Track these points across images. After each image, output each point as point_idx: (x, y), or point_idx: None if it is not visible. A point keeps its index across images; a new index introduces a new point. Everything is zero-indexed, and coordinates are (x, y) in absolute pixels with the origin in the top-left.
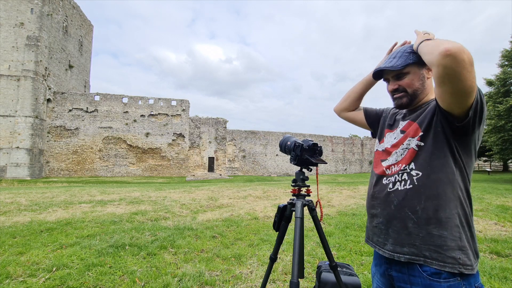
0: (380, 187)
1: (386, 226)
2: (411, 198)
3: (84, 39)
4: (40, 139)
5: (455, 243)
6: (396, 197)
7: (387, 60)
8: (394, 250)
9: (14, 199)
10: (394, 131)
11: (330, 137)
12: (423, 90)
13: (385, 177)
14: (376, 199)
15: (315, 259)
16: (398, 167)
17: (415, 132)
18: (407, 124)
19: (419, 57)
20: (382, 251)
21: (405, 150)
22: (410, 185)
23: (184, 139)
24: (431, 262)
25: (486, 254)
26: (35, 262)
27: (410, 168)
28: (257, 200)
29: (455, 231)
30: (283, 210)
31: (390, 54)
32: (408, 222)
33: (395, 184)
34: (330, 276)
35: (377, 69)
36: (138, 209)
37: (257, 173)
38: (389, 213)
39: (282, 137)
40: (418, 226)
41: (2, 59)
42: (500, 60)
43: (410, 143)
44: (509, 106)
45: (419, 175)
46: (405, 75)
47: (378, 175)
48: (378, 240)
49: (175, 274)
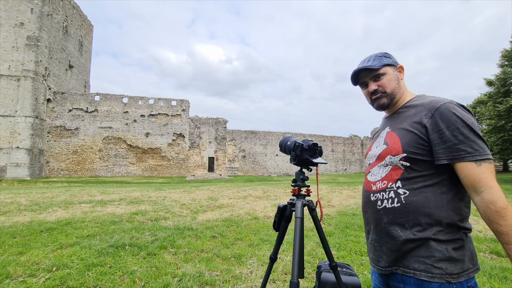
0: (369, 203)
1: (380, 243)
2: (401, 215)
3: (84, 39)
4: (40, 139)
5: (442, 255)
6: (386, 215)
7: (362, 62)
8: (389, 265)
9: (14, 199)
10: (377, 139)
11: (330, 137)
12: (399, 90)
13: (372, 193)
14: (367, 214)
15: (315, 259)
16: (384, 184)
17: (397, 150)
18: (388, 135)
19: (391, 61)
20: (376, 268)
21: (388, 166)
22: (398, 203)
23: (184, 139)
24: (420, 274)
25: (486, 254)
26: (35, 262)
27: (396, 186)
28: (257, 200)
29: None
30: (283, 210)
31: (362, 60)
32: (398, 238)
33: (383, 202)
34: (330, 276)
35: (356, 70)
36: (138, 209)
37: (257, 173)
38: (381, 229)
39: (282, 137)
40: (407, 242)
41: (2, 59)
42: (500, 60)
43: (392, 160)
44: (509, 106)
45: (406, 193)
46: (382, 76)
47: (365, 190)
48: (373, 257)
49: (175, 274)
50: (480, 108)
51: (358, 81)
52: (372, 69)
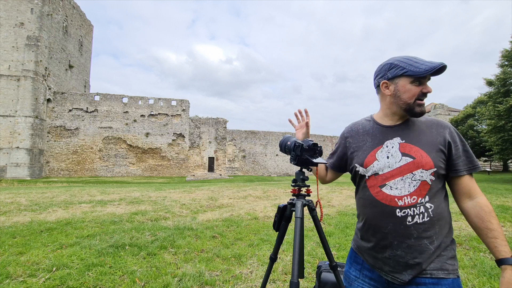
0: (391, 218)
1: (405, 259)
2: (429, 229)
3: (84, 39)
4: (40, 139)
5: (451, 254)
6: (416, 230)
7: (425, 61)
8: (413, 278)
9: (14, 199)
10: (382, 148)
11: (330, 137)
12: None
13: (399, 209)
14: (386, 230)
15: (315, 259)
16: (414, 200)
17: (430, 165)
18: (404, 146)
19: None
20: (397, 281)
21: (417, 181)
22: (428, 217)
23: (184, 139)
24: (437, 272)
25: (486, 254)
26: (35, 262)
27: (425, 201)
28: (257, 200)
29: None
30: (283, 210)
31: (413, 59)
32: (427, 251)
33: (414, 218)
34: (330, 276)
35: (443, 63)
36: (138, 209)
37: (257, 173)
38: (409, 245)
39: (282, 137)
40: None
41: (2, 59)
42: (500, 60)
43: (423, 175)
44: (509, 106)
45: (432, 207)
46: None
47: (385, 205)
48: (393, 271)
49: (175, 274)
50: (480, 108)
51: (423, 75)
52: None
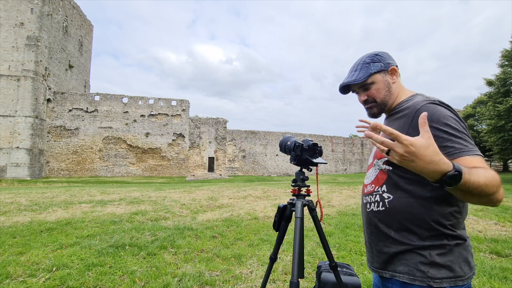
0: (362, 205)
1: (371, 245)
2: (386, 219)
3: (84, 39)
4: (40, 139)
5: (425, 259)
6: (373, 218)
7: (349, 74)
8: (379, 267)
9: (14, 199)
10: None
11: (330, 137)
12: (390, 96)
13: (364, 196)
14: (362, 216)
15: (315, 259)
16: (372, 188)
17: (378, 153)
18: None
19: (380, 65)
20: (372, 268)
21: (376, 170)
22: (383, 207)
23: (184, 139)
24: (402, 276)
25: (486, 254)
26: (35, 262)
27: (382, 190)
28: (257, 200)
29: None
30: (283, 210)
31: (350, 68)
32: (384, 242)
33: (371, 205)
34: (330, 276)
35: (341, 84)
36: (138, 209)
37: (257, 173)
38: (371, 231)
39: (282, 137)
40: (392, 246)
41: (2, 59)
42: (500, 60)
43: (378, 164)
44: (509, 106)
45: (390, 198)
46: (370, 85)
47: (362, 193)
48: (368, 258)
49: (175, 274)
50: (480, 108)
51: (349, 89)
52: (357, 83)
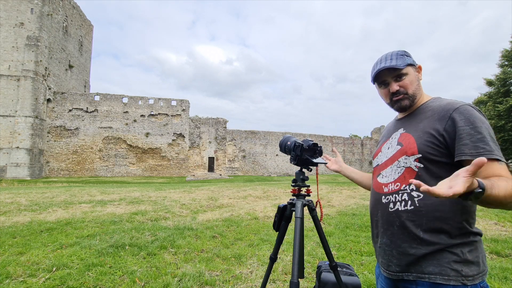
0: (379, 205)
1: (390, 247)
2: (415, 218)
3: (84, 39)
4: (40, 139)
5: (457, 257)
6: (398, 218)
7: (383, 61)
8: (400, 270)
9: (14, 199)
10: (389, 140)
11: (330, 137)
12: (419, 92)
13: (384, 195)
14: (376, 217)
15: (315, 259)
16: (397, 186)
17: (412, 151)
18: (402, 136)
19: (412, 60)
20: (386, 272)
21: (402, 168)
22: (412, 206)
23: (184, 139)
24: (435, 277)
25: (486, 254)
26: (35, 262)
27: (410, 188)
28: (257, 200)
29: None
30: (283, 210)
31: (380, 58)
32: (411, 243)
33: (396, 204)
34: (330, 276)
35: (380, 68)
36: (138, 209)
37: (257, 173)
38: (392, 233)
39: (282, 137)
40: (421, 246)
41: (2, 59)
42: (500, 60)
43: (407, 161)
44: (509, 106)
45: (420, 196)
46: (404, 76)
47: (376, 192)
48: (383, 261)
49: (175, 274)
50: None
51: (377, 79)
52: (396, 69)
